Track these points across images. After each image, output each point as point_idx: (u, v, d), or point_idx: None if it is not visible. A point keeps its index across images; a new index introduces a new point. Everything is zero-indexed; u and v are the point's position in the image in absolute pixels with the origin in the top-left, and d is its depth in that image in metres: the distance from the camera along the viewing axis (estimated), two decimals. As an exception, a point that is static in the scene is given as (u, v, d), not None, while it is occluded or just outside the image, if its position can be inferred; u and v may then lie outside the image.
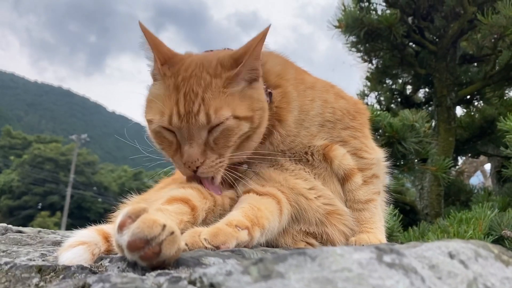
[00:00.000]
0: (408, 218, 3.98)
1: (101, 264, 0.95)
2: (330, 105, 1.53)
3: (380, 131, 3.31)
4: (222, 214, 1.31)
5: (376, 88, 5.26)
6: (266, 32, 1.29)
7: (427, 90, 5.30)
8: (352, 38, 4.61)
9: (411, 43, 4.91)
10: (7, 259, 0.94)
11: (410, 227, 3.14)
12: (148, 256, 0.78)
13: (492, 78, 4.47)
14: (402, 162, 3.53)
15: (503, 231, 2.48)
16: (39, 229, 1.81)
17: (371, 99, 5.32)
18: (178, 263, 0.83)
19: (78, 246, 1.04)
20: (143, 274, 0.78)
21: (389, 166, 1.70)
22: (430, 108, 5.11)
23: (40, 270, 0.91)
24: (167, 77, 1.33)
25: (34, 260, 1.06)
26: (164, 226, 0.80)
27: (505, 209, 2.93)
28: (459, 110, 5.19)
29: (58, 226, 30.03)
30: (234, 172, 1.40)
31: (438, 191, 4.25)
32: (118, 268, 0.87)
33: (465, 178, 6.53)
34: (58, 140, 46.57)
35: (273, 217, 1.29)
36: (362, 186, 1.53)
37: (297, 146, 1.50)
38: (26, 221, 30.34)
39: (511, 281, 0.72)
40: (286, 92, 1.49)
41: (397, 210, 3.06)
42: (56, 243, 1.40)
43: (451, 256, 0.73)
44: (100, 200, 39.96)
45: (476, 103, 5.09)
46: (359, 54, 4.97)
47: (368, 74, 5.20)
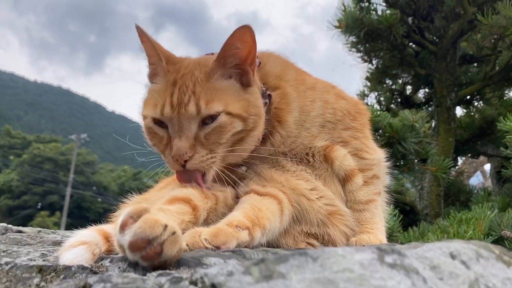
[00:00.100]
0: (408, 219, 3.97)
1: (101, 264, 0.95)
2: (330, 105, 1.53)
3: (380, 132, 3.30)
4: (224, 213, 1.31)
5: (376, 88, 5.25)
6: (241, 30, 1.28)
7: (427, 90, 5.30)
8: (352, 38, 4.61)
9: (411, 43, 4.91)
10: (8, 259, 0.94)
11: (410, 228, 3.14)
12: (149, 256, 0.78)
13: (492, 78, 4.47)
14: (402, 163, 3.53)
15: (503, 232, 2.48)
16: (39, 229, 1.81)
17: (371, 99, 5.32)
18: (179, 264, 0.83)
19: (79, 246, 1.04)
20: (144, 274, 0.78)
21: (389, 166, 1.70)
22: (430, 108, 5.11)
23: (40, 270, 0.90)
24: (170, 73, 1.35)
25: (34, 260, 1.06)
26: (165, 226, 0.80)
27: (504, 209, 2.93)
28: (459, 111, 5.20)
29: (57, 225, 30.02)
30: (232, 173, 1.40)
31: (438, 192, 4.25)
32: (119, 268, 0.87)
33: (465, 179, 6.53)
34: (58, 140, 46.56)
35: (274, 217, 1.29)
36: (362, 187, 1.53)
37: (298, 147, 1.50)
38: (26, 220, 30.34)
39: (513, 281, 0.72)
40: (286, 93, 1.49)
41: (397, 211, 3.06)
42: (56, 243, 1.40)
43: (453, 256, 0.73)
44: (99, 200, 39.96)
45: (476, 104, 5.09)
46: (359, 54, 4.96)
47: (368, 74, 5.19)
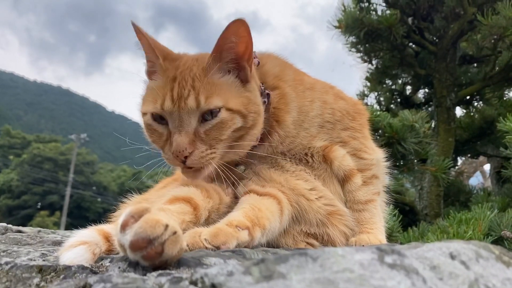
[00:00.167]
0: (407, 219, 3.97)
1: (101, 264, 0.95)
2: (329, 106, 1.53)
3: (379, 132, 3.30)
4: (225, 213, 1.31)
5: (376, 88, 5.26)
6: (235, 24, 1.29)
7: (427, 90, 5.30)
8: (352, 39, 4.61)
9: (411, 44, 4.91)
10: (8, 259, 0.94)
11: (409, 228, 3.14)
12: (150, 256, 0.78)
13: (491, 78, 4.47)
14: (402, 163, 3.53)
15: (503, 232, 2.48)
16: (39, 228, 1.81)
17: (371, 100, 5.32)
18: (179, 264, 0.83)
19: (79, 246, 1.04)
20: (144, 274, 0.78)
21: (388, 166, 1.70)
22: (429, 108, 5.12)
23: (40, 270, 0.90)
24: (169, 70, 1.36)
25: (34, 260, 1.06)
26: (166, 226, 0.80)
27: (504, 209, 2.93)
28: (459, 111, 5.20)
29: (57, 225, 30.02)
30: (231, 172, 1.40)
31: (437, 192, 4.25)
32: (119, 268, 0.87)
33: (464, 179, 6.53)
34: (58, 139, 46.55)
35: (273, 217, 1.29)
36: (362, 187, 1.53)
37: (297, 147, 1.50)
38: (25, 220, 30.34)
39: (512, 282, 0.72)
40: (285, 93, 1.50)
41: (396, 211, 3.06)
42: (56, 243, 1.40)
43: (452, 257, 0.73)
44: (99, 199, 39.96)
45: (475, 104, 5.09)
46: (359, 55, 4.96)
47: (368, 75, 5.19)
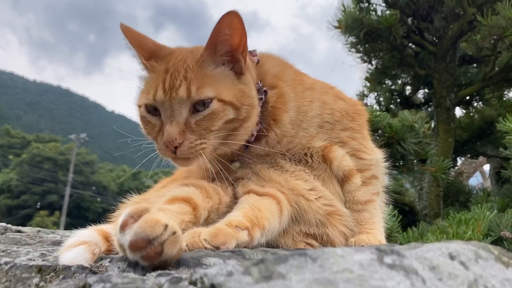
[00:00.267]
0: (407, 219, 3.97)
1: (101, 264, 0.95)
2: (329, 106, 1.53)
3: (379, 132, 3.30)
4: (225, 213, 1.31)
5: (375, 88, 5.26)
6: (228, 16, 1.29)
7: (427, 91, 5.30)
8: (351, 39, 4.61)
9: (411, 44, 4.91)
10: (7, 259, 0.93)
11: (409, 228, 3.14)
12: (150, 256, 0.78)
13: (491, 79, 4.47)
14: (401, 163, 3.53)
15: (502, 232, 2.48)
16: (38, 228, 1.80)
17: (371, 100, 5.33)
18: (178, 264, 0.83)
19: (78, 246, 1.04)
20: (144, 275, 0.78)
21: (388, 166, 1.70)
22: (429, 109, 5.12)
23: (40, 270, 0.90)
24: (158, 65, 1.38)
25: (34, 260, 1.06)
26: (166, 226, 0.80)
27: (504, 210, 2.93)
28: (459, 111, 5.20)
29: (56, 225, 30.02)
30: (225, 168, 1.41)
31: (437, 192, 4.25)
32: (119, 268, 0.87)
33: (464, 179, 6.53)
34: (57, 139, 46.54)
35: (273, 217, 1.29)
36: (361, 187, 1.53)
37: (296, 146, 1.50)
38: (25, 220, 30.33)
39: (511, 282, 0.72)
40: (283, 92, 1.50)
41: (396, 211, 3.06)
42: (55, 243, 1.40)
43: (452, 257, 0.73)
44: (99, 199, 39.95)
45: (475, 104, 5.09)
46: (359, 55, 4.96)
47: (367, 75, 5.19)
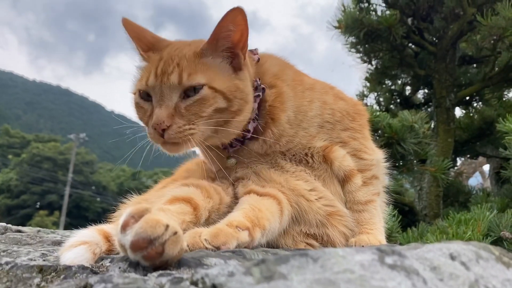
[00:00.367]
0: (407, 219, 3.97)
1: (102, 264, 0.96)
2: (329, 106, 1.53)
3: (379, 132, 3.30)
4: (225, 213, 1.31)
5: (375, 89, 5.25)
6: (233, 12, 1.31)
7: (427, 91, 5.30)
8: (351, 39, 4.61)
9: (411, 44, 4.91)
10: (8, 259, 0.93)
11: (409, 228, 3.14)
12: (151, 256, 0.78)
13: (491, 79, 4.47)
14: (401, 163, 3.53)
15: (502, 232, 2.48)
16: (39, 228, 1.80)
17: (371, 100, 5.32)
18: (179, 264, 0.83)
19: (79, 245, 1.03)
20: (145, 275, 0.78)
21: (388, 167, 1.70)
22: (429, 109, 5.11)
23: (41, 270, 0.90)
24: (154, 55, 1.41)
25: (35, 260, 1.06)
26: (167, 226, 0.80)
27: (503, 210, 2.93)
28: (458, 111, 5.19)
29: (56, 225, 30.00)
30: (219, 161, 1.47)
31: (437, 192, 4.24)
32: (119, 268, 0.87)
33: (464, 179, 6.53)
34: (57, 139, 46.51)
35: (273, 218, 1.29)
36: (361, 187, 1.53)
37: (296, 146, 1.50)
38: (24, 220, 30.30)
39: (512, 283, 0.72)
40: (282, 92, 1.50)
41: (396, 211, 3.05)
42: (56, 243, 1.40)
43: (452, 257, 0.73)
44: (98, 199, 39.93)
45: (475, 104, 5.09)
46: (359, 55, 4.95)
47: (367, 75, 5.19)
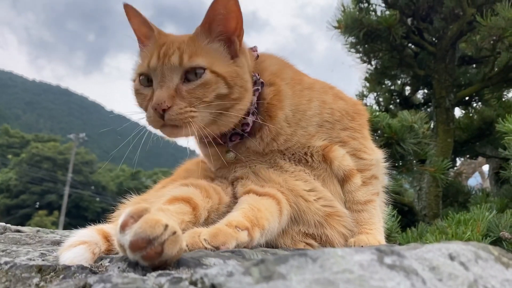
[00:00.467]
0: (406, 219, 3.97)
1: (101, 264, 0.96)
2: (328, 105, 1.54)
3: (379, 132, 3.30)
4: (224, 212, 1.31)
5: (375, 89, 5.25)
6: None
7: (426, 91, 5.30)
8: (351, 39, 4.61)
9: (410, 44, 4.91)
10: (7, 259, 0.93)
11: (408, 228, 3.14)
12: (150, 256, 0.78)
13: (490, 79, 4.47)
14: (401, 163, 3.53)
15: (501, 233, 2.48)
16: (38, 228, 1.80)
17: (370, 100, 5.32)
18: (178, 264, 0.83)
19: (78, 245, 1.03)
20: (144, 275, 0.78)
21: (388, 167, 1.71)
22: (429, 109, 5.11)
23: (40, 270, 0.90)
24: (159, 39, 1.44)
25: (34, 259, 1.06)
26: (166, 226, 0.80)
27: (503, 210, 2.93)
28: (458, 112, 5.20)
29: (55, 225, 29.98)
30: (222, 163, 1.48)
31: (436, 192, 4.24)
32: (119, 268, 0.87)
33: (463, 179, 6.53)
34: (56, 139, 46.50)
35: (273, 217, 1.29)
36: (361, 187, 1.53)
37: (294, 145, 1.50)
38: (24, 220, 30.28)
39: (511, 283, 0.72)
40: (280, 90, 1.51)
41: (395, 211, 3.05)
42: (55, 243, 1.40)
43: (452, 258, 0.73)
44: (98, 199, 39.91)
45: (474, 105, 5.09)
46: (358, 55, 4.95)
47: (367, 75, 5.19)
